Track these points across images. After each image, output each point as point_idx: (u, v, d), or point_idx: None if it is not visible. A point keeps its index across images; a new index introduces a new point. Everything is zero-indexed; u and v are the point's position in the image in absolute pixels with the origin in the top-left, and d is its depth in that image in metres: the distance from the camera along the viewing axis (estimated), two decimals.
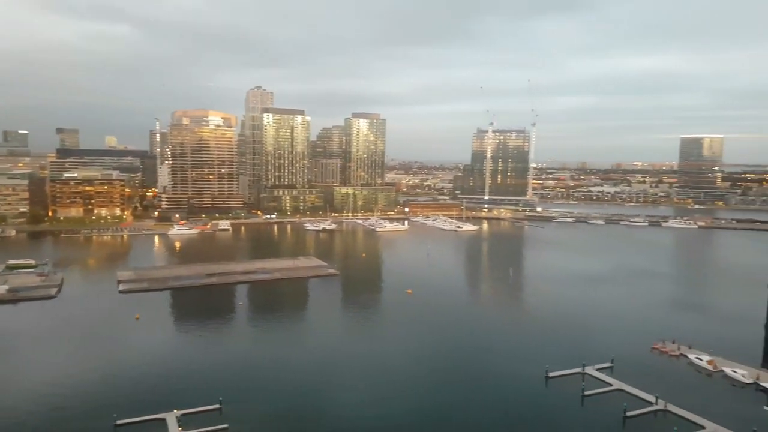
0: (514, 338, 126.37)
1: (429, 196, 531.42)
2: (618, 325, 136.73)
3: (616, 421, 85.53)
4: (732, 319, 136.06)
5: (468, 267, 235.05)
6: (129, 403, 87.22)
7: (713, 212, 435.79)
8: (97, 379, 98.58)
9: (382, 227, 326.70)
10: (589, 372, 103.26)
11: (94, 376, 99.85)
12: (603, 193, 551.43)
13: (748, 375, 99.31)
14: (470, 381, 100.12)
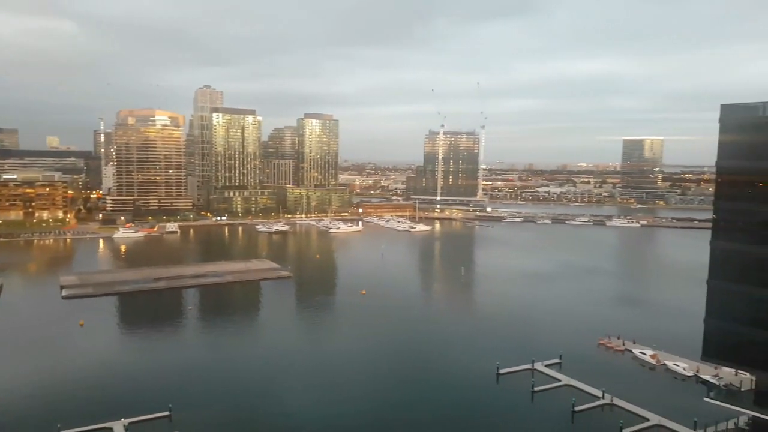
0: (466, 336, 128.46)
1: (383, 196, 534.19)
2: (565, 321, 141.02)
3: (564, 416, 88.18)
4: (673, 314, 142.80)
5: (421, 267, 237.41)
6: (73, 413, 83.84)
7: (655, 211, 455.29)
8: (40, 388, 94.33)
9: (336, 228, 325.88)
10: (538, 368, 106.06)
11: (36, 385, 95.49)
12: (549, 193, 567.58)
13: (688, 368, 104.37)
14: (422, 379, 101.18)
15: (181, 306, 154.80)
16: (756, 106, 46.05)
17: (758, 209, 45.60)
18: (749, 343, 46.82)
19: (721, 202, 48.69)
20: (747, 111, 46.57)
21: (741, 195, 47.32)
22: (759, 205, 45.82)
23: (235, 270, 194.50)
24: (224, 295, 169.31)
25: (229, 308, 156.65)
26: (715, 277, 47.88)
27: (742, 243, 46.57)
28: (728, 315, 47.39)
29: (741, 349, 47.91)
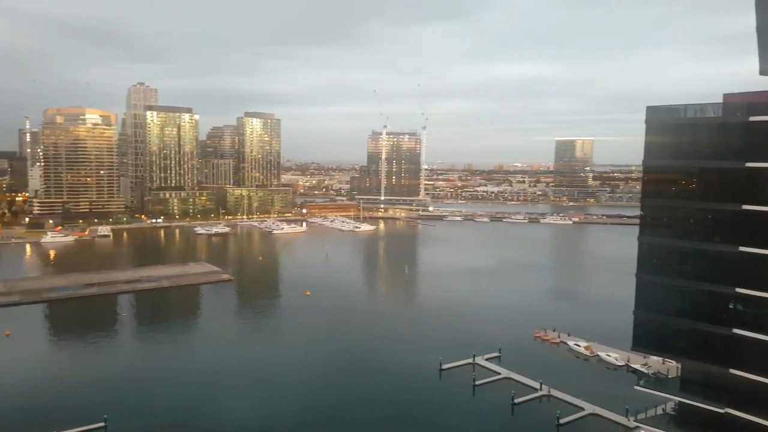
0: (410, 333, 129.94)
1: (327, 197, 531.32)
2: (504, 315, 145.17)
3: (505, 408, 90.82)
4: (605, 307, 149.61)
5: (366, 266, 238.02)
6: (2, 428, 79.08)
7: (586, 209, 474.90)
8: None
9: (280, 229, 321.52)
10: (479, 362, 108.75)
11: None
12: (488, 192, 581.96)
13: (620, 358, 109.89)
14: (367, 378, 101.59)
15: (114, 313, 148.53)
16: (678, 108, 48.86)
17: (681, 206, 48.48)
18: (675, 333, 49.68)
19: (647, 200, 51.38)
20: (670, 113, 49.37)
21: (666, 192, 50.12)
22: (682, 201, 48.66)
23: (172, 274, 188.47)
24: (161, 300, 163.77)
25: (166, 314, 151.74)
26: (642, 270, 50.51)
27: (667, 238, 49.39)
28: (655, 306, 50.14)
29: (667, 338, 50.72)
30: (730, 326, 45.14)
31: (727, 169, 45.10)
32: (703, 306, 47.07)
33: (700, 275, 46.70)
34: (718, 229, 46.21)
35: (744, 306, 45.06)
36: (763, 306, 43.48)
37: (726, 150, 45.51)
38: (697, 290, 47.37)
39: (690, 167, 48.08)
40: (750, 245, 43.51)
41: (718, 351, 46.21)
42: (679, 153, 48.62)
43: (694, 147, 47.66)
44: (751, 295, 43.91)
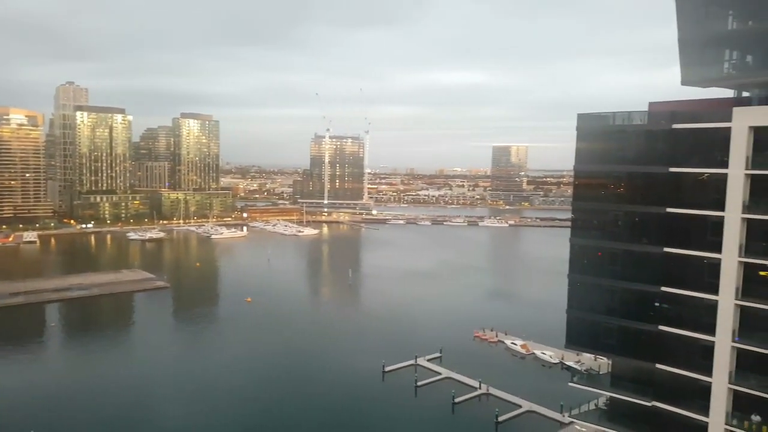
0: (353, 337, 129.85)
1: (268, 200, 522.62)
2: (445, 316, 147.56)
3: (446, 407, 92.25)
4: (540, 306, 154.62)
5: (309, 270, 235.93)
6: None
7: (521, 212, 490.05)
8: None
9: (219, 234, 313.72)
10: (421, 363, 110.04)
11: None
12: (429, 196, 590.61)
13: (554, 355, 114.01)
14: (309, 384, 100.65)
15: (42, 323, 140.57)
16: (607, 116, 51.19)
17: (609, 209, 50.79)
18: (605, 331, 51.80)
19: (578, 203, 53.52)
20: (599, 120, 51.65)
21: (595, 196, 52.40)
22: (611, 204, 50.97)
23: (104, 282, 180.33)
24: (92, 309, 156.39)
25: (97, 324, 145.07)
26: (574, 271, 52.53)
27: (596, 239, 51.60)
28: (586, 305, 52.27)
29: (598, 336, 52.84)
30: (656, 323, 47.61)
31: (652, 174, 47.62)
32: (631, 304, 49.45)
33: (628, 275, 49.04)
34: (644, 230, 48.67)
35: (668, 304, 47.59)
36: (686, 303, 46.13)
37: (651, 156, 48.03)
38: (625, 289, 49.71)
39: (618, 172, 50.47)
40: (673, 246, 46.08)
41: (645, 347, 48.63)
42: (607, 158, 50.93)
43: (622, 153, 50.03)
44: (675, 293, 46.50)
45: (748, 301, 42.19)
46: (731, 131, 42.24)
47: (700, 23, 44.75)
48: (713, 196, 43.56)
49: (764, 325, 42.03)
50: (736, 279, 42.59)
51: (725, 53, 44.92)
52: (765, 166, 41.06)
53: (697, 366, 45.27)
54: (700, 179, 45.35)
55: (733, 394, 43.59)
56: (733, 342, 43.05)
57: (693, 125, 45.16)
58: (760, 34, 40.64)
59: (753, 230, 41.98)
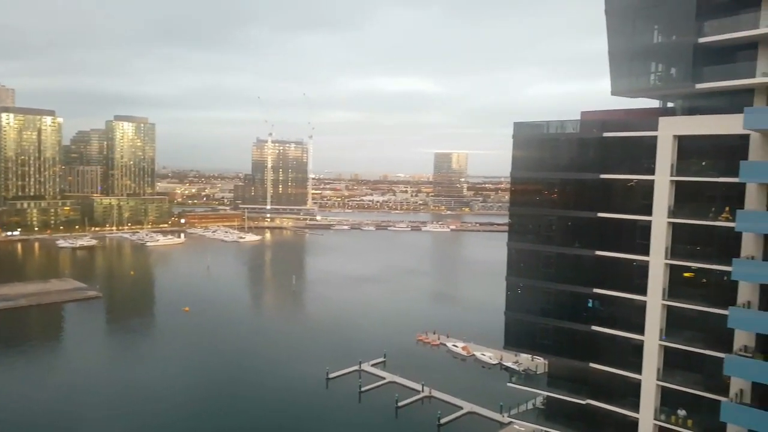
0: (297, 344, 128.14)
1: (208, 206, 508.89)
2: (389, 320, 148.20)
3: (389, 411, 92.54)
4: (480, 309, 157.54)
5: (251, 278, 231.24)
6: None
7: (461, 217, 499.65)
8: None
9: (154, 241, 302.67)
10: (365, 368, 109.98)
11: None
12: (373, 201, 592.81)
13: (494, 357, 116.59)
14: (251, 394, 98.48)
15: None
16: (541, 125, 53.00)
17: (544, 214, 52.55)
18: (541, 331, 53.38)
19: (514, 208, 55.04)
20: (534, 128, 53.39)
21: (530, 201, 54.10)
22: (545, 210, 52.76)
23: (31, 292, 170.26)
24: (17, 321, 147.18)
25: (23, 336, 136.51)
26: (511, 273, 53.92)
27: (532, 243, 53.23)
28: (523, 307, 53.77)
29: (535, 336, 54.40)
30: (589, 324, 49.46)
31: (584, 180, 49.57)
32: (565, 306, 51.16)
33: (562, 277, 50.78)
34: (576, 235, 50.56)
35: (600, 305, 49.61)
36: (616, 304, 48.19)
37: (583, 163, 49.99)
38: (559, 291, 51.42)
39: (552, 178, 52.26)
40: (604, 249, 48.12)
41: (579, 347, 50.40)
42: (542, 165, 52.64)
43: (556, 160, 51.85)
44: (606, 294, 48.52)
45: (674, 302, 44.47)
46: (657, 140, 44.56)
47: (628, 36, 47.02)
48: (641, 201, 45.75)
49: (688, 324, 44.38)
50: (663, 280, 44.82)
51: (651, 65, 47.33)
52: (688, 173, 43.52)
53: (628, 364, 47.28)
54: (628, 185, 47.53)
55: (661, 390, 45.75)
56: (660, 340, 45.23)
57: (622, 134, 47.38)
58: (682, 47, 43.03)
59: (678, 234, 44.35)
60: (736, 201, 39.49)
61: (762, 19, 39.25)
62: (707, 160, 43.35)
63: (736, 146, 39.74)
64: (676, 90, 45.69)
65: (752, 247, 38.73)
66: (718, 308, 40.64)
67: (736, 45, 41.14)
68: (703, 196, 43.24)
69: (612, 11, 47.24)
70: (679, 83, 44.23)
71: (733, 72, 41.30)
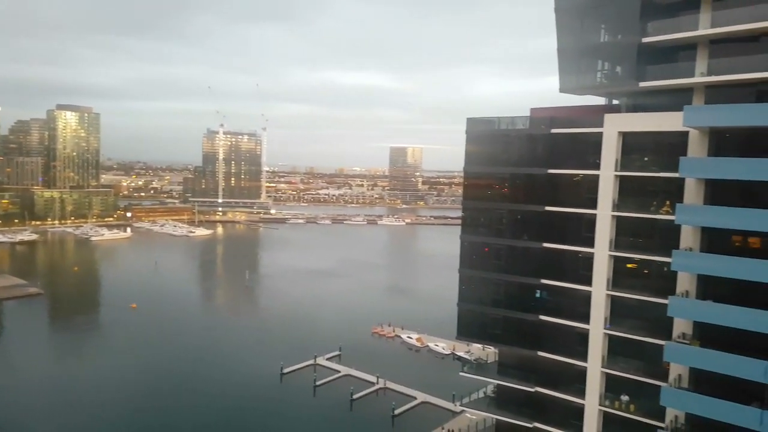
0: (250, 340, 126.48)
1: (156, 199, 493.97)
2: (344, 314, 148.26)
3: (344, 404, 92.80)
4: (434, 300, 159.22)
5: (202, 273, 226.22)
6: None
7: (416, 211, 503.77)
8: None
9: (99, 235, 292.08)
10: (320, 362, 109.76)
11: None
12: (329, 195, 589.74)
13: (447, 347, 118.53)
14: (203, 392, 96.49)
15: None
16: (493, 121, 54.14)
17: (495, 207, 53.88)
18: (492, 321, 54.79)
19: (467, 202, 56.10)
20: (486, 124, 54.46)
21: (483, 196, 55.26)
22: (496, 203, 54.07)
23: None
24: None
25: None
26: (464, 266, 55.01)
27: (483, 236, 54.47)
28: (475, 298, 55.05)
29: (486, 326, 55.76)
30: (537, 313, 51.03)
31: (533, 175, 50.98)
32: (515, 296, 52.64)
33: (512, 269, 52.22)
34: (525, 227, 52.01)
35: (548, 295, 51.26)
36: (563, 294, 49.88)
37: (532, 158, 51.40)
38: (509, 282, 52.84)
39: (503, 173, 53.53)
40: (552, 241, 49.70)
41: (528, 336, 51.97)
42: (493, 160, 53.82)
43: (506, 155, 53.12)
44: (553, 285, 50.17)
45: (618, 292, 46.38)
46: (603, 136, 46.21)
47: (576, 35, 48.45)
48: (587, 195, 47.44)
49: (631, 313, 46.38)
50: (607, 271, 46.66)
51: (598, 63, 49.00)
52: (632, 168, 45.34)
53: (574, 352, 49.08)
54: (575, 180, 49.19)
55: (605, 377, 47.69)
56: (604, 329, 47.11)
57: (569, 130, 48.94)
58: (627, 47, 44.70)
59: (621, 227, 46.22)
60: (676, 195, 41.39)
61: (701, 21, 41.24)
62: (649, 156, 45.27)
63: (677, 143, 41.58)
64: (620, 88, 47.43)
65: (690, 239, 40.72)
66: (658, 298, 42.63)
67: (677, 45, 43.08)
68: (645, 191, 45.14)
69: (561, 10, 48.60)
70: (624, 81, 45.97)
71: (674, 71, 43.26)
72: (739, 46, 40.48)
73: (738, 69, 39.46)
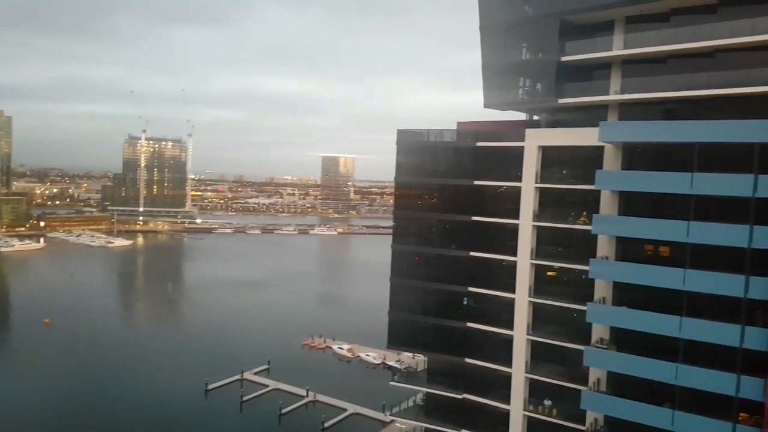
0: (174, 355, 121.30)
1: (72, 207, 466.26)
2: (274, 326, 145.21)
3: (272, 419, 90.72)
4: (366, 310, 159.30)
5: (122, 285, 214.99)
6: None
7: (349, 220, 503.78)
8: None
9: (9, 246, 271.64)
10: (247, 377, 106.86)
11: None
12: (259, 204, 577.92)
13: (377, 356, 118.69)
14: (122, 409, 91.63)
15: None
16: (422, 132, 55.19)
17: (424, 217, 54.83)
18: (422, 330, 55.44)
19: (398, 212, 56.72)
20: (416, 136, 55.40)
21: (412, 206, 56.05)
22: (425, 213, 54.99)
23: None
24: None
25: None
26: (395, 275, 55.47)
27: (414, 245, 55.23)
28: (405, 307, 55.55)
29: (416, 335, 56.35)
30: (464, 321, 52.05)
31: (460, 186, 52.20)
32: (443, 304, 53.49)
33: (441, 277, 53.08)
34: (453, 237, 53.12)
35: (475, 302, 52.47)
36: (489, 302, 51.23)
37: (459, 170, 52.65)
38: (438, 290, 53.66)
39: (432, 184, 54.47)
40: (478, 250, 51.02)
41: (456, 343, 52.84)
42: (423, 171, 54.70)
43: (435, 166, 54.10)
44: (479, 292, 51.43)
45: (539, 299, 48.10)
46: (524, 150, 48.05)
47: (499, 52, 50.30)
48: (510, 206, 49.09)
49: (552, 319, 48.18)
50: (529, 279, 48.33)
51: (520, 80, 51.03)
52: (551, 181, 47.36)
53: (500, 358, 50.32)
54: (499, 191, 50.86)
55: (529, 382, 49.17)
56: (527, 335, 48.66)
57: (493, 144, 50.61)
58: (546, 65, 46.81)
59: (542, 236, 48.10)
60: (592, 206, 43.50)
61: (614, 42, 43.86)
62: (568, 169, 47.45)
63: (593, 157, 43.79)
64: (541, 104, 49.57)
65: (606, 248, 42.89)
66: (577, 304, 44.55)
67: (593, 65, 45.53)
68: (564, 202, 47.23)
69: (486, 28, 50.30)
70: (544, 98, 48.05)
71: (591, 89, 45.63)
72: (649, 67, 43.24)
73: (648, 88, 42.13)
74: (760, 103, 37.02)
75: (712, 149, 37.15)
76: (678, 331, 37.26)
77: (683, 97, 40.08)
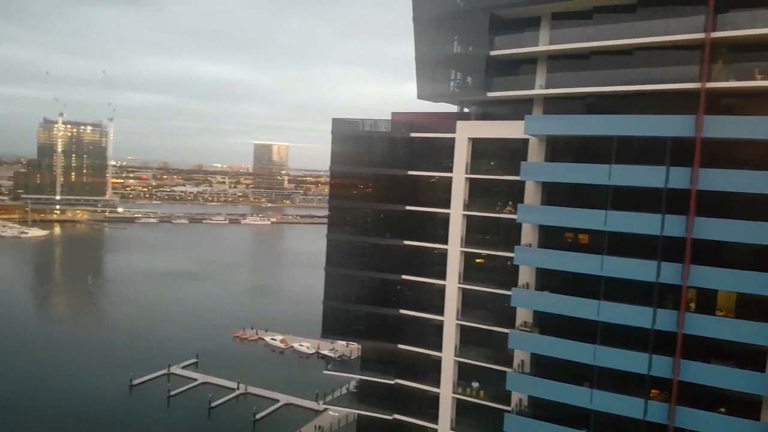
0: (94, 351, 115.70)
1: None
2: (203, 319, 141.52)
3: (201, 413, 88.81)
4: (300, 300, 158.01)
5: (37, 279, 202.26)
6: None
7: (282, 209, 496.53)
8: None
9: None
10: (175, 371, 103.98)
11: None
12: (186, 192, 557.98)
13: (311, 346, 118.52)
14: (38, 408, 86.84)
15: None
16: (357, 122, 55.37)
17: (359, 207, 55.26)
18: (356, 318, 56.03)
19: (333, 201, 56.82)
20: (351, 125, 55.49)
21: (348, 195, 56.28)
22: (361, 203, 55.42)
23: None
24: None
25: None
26: (330, 264, 55.65)
27: (349, 234, 55.62)
28: (339, 296, 55.92)
29: (350, 323, 56.87)
30: (397, 308, 53.04)
31: (394, 176, 52.89)
32: (378, 292, 54.19)
33: (375, 266, 53.72)
34: (388, 226, 53.81)
35: (407, 290, 53.55)
36: (421, 289, 52.45)
37: (393, 160, 53.30)
38: (373, 279, 54.27)
39: (366, 174, 54.83)
40: (411, 239, 52.04)
41: (389, 330, 53.75)
42: (358, 161, 54.92)
43: (370, 156, 54.45)
44: (411, 280, 52.52)
45: (468, 285, 49.75)
46: (455, 141, 49.33)
47: (432, 45, 51.10)
48: (442, 196, 50.34)
49: (480, 304, 49.91)
50: (459, 266, 49.88)
51: (452, 73, 52.10)
52: (480, 171, 48.94)
53: (431, 343, 51.71)
54: (431, 182, 51.99)
55: (458, 365, 50.86)
56: (457, 320, 50.26)
57: (426, 135, 51.62)
58: (476, 59, 48.06)
59: (471, 225, 49.72)
60: (517, 196, 45.44)
61: (540, 38, 45.63)
62: (495, 161, 49.17)
63: (518, 149, 45.66)
64: (471, 97, 50.88)
65: (530, 236, 44.99)
66: (503, 290, 46.40)
67: (520, 59, 47.18)
68: (491, 192, 48.93)
69: (419, 19, 50.99)
70: (474, 91, 49.38)
71: (517, 83, 47.36)
72: (572, 62, 45.24)
73: (571, 83, 44.16)
74: (673, 99, 39.55)
75: (629, 142, 39.53)
76: (596, 314, 39.69)
77: (604, 92, 42.22)
